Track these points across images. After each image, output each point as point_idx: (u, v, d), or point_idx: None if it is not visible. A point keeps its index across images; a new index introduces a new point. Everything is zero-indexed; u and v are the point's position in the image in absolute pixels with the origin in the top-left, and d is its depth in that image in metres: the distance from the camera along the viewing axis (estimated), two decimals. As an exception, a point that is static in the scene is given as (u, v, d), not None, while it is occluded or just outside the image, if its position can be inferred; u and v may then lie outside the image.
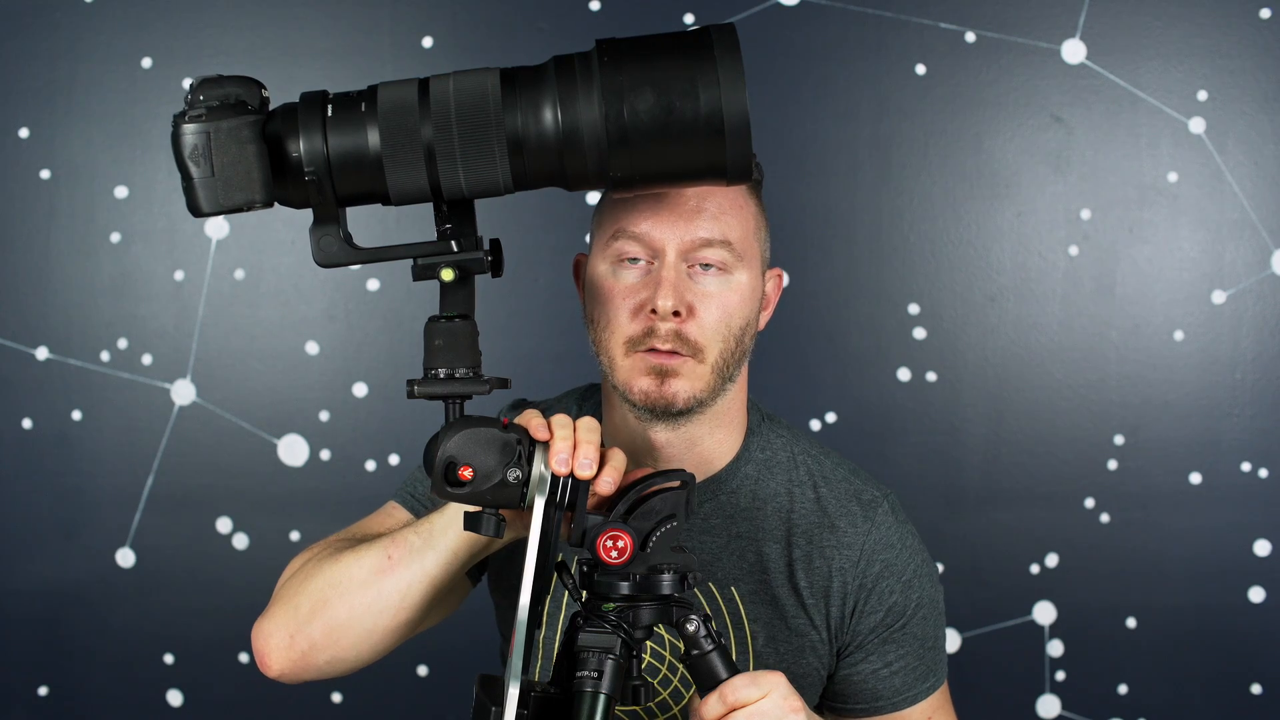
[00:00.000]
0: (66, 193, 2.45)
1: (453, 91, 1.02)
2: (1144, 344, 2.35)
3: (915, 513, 2.36)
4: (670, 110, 1.00)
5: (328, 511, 2.40)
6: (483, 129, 1.02)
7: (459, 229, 1.10)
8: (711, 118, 1.00)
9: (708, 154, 1.02)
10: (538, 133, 1.02)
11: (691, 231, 1.27)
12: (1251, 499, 2.33)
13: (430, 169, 1.03)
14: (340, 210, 1.08)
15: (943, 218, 2.37)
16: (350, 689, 2.43)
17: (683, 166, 1.04)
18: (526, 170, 1.04)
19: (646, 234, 1.27)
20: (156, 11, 2.43)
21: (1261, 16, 2.32)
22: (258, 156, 1.02)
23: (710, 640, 1.15)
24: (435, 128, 1.02)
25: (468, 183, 1.04)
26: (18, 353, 2.46)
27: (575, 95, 1.02)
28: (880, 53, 2.36)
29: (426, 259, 1.09)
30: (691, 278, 1.28)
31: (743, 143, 1.01)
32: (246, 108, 1.03)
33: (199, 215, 1.04)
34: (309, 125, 1.03)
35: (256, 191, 1.02)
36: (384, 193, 1.05)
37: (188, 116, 1.02)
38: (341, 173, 1.04)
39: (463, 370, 1.11)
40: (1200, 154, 2.33)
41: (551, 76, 1.03)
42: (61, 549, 2.46)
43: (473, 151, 1.02)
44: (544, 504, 1.11)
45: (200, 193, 1.02)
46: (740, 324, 1.31)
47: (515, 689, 1.08)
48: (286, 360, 2.43)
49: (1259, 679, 2.34)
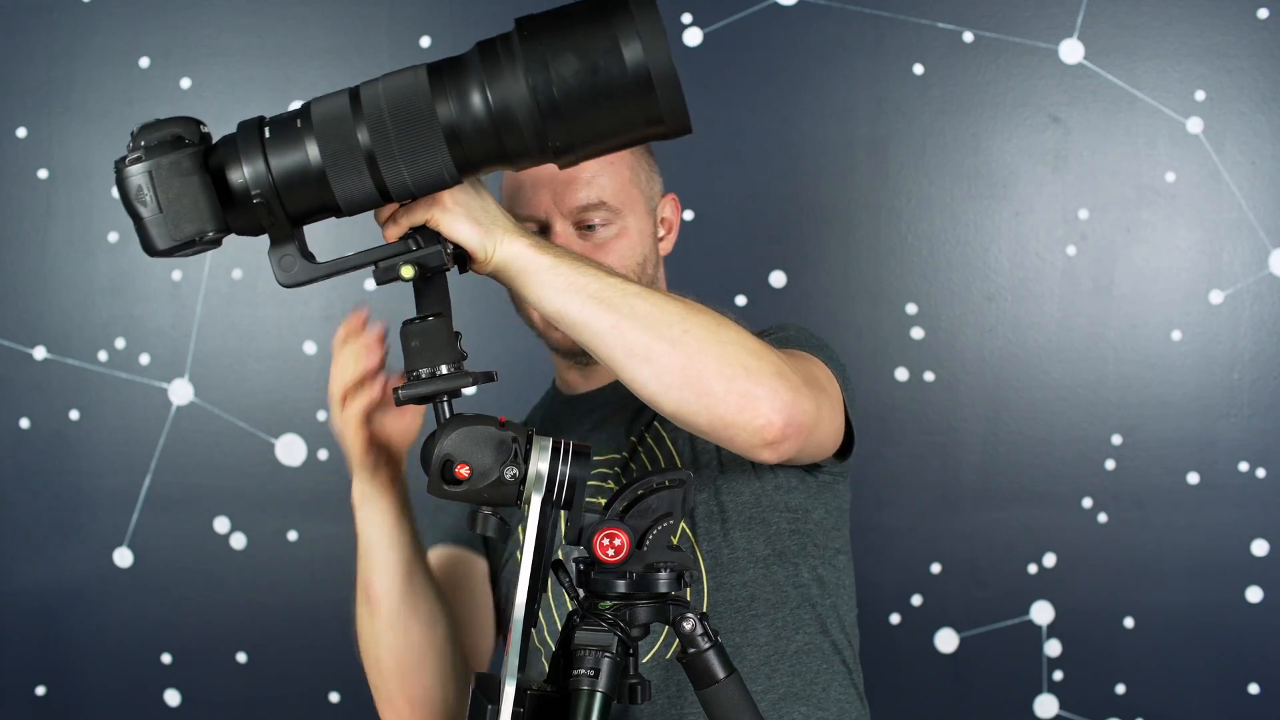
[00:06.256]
0: (64, 192, 2.45)
1: (383, 93, 1.03)
2: (1142, 344, 2.35)
3: (912, 512, 2.38)
4: (595, 71, 1.00)
5: (326, 512, 2.40)
6: (417, 123, 1.03)
7: (417, 228, 1.11)
8: (637, 71, 1.00)
9: (641, 108, 1.02)
10: (472, 118, 1.03)
11: (569, 201, 1.44)
12: (1249, 499, 2.33)
13: (374, 172, 1.04)
14: (296, 230, 1.08)
15: (940, 217, 2.37)
16: (349, 689, 2.43)
17: (619, 125, 1.04)
18: (468, 156, 1.05)
19: (533, 213, 1.45)
20: (154, 11, 2.43)
21: (1259, 16, 2.32)
22: (203, 187, 1.03)
23: (707, 638, 1.15)
24: (371, 131, 1.03)
25: (413, 179, 1.04)
26: (15, 352, 2.46)
27: (501, 74, 1.02)
28: (878, 52, 2.36)
29: (387, 261, 1.10)
30: (583, 236, 1.46)
31: (673, 92, 1.01)
32: (185, 142, 1.03)
33: (155, 254, 1.05)
34: (249, 150, 1.04)
35: (207, 221, 1.03)
36: (334, 204, 1.05)
37: (128, 160, 1.03)
38: (288, 191, 1.04)
39: (444, 367, 1.11)
40: (1198, 154, 2.33)
41: (476, 61, 1.04)
42: (59, 548, 2.46)
43: (411, 147, 1.03)
44: (540, 502, 1.11)
45: (151, 231, 1.03)
46: (636, 261, 1.47)
47: (511, 687, 1.08)
48: (284, 360, 2.43)
49: (1257, 679, 2.34)
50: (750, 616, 1.41)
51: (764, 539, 1.42)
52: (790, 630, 1.43)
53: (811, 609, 1.44)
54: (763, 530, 1.42)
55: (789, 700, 1.41)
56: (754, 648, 1.41)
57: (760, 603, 1.42)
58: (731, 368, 1.15)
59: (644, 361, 1.14)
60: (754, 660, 1.41)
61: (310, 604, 2.42)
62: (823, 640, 1.45)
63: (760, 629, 1.41)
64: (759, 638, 1.41)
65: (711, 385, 1.15)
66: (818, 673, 1.44)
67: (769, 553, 1.42)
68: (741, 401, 1.15)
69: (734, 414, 1.15)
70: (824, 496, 1.46)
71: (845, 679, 1.47)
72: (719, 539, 1.42)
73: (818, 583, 1.45)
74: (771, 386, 1.16)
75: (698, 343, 1.15)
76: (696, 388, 1.15)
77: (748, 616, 1.41)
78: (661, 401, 1.16)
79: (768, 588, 1.42)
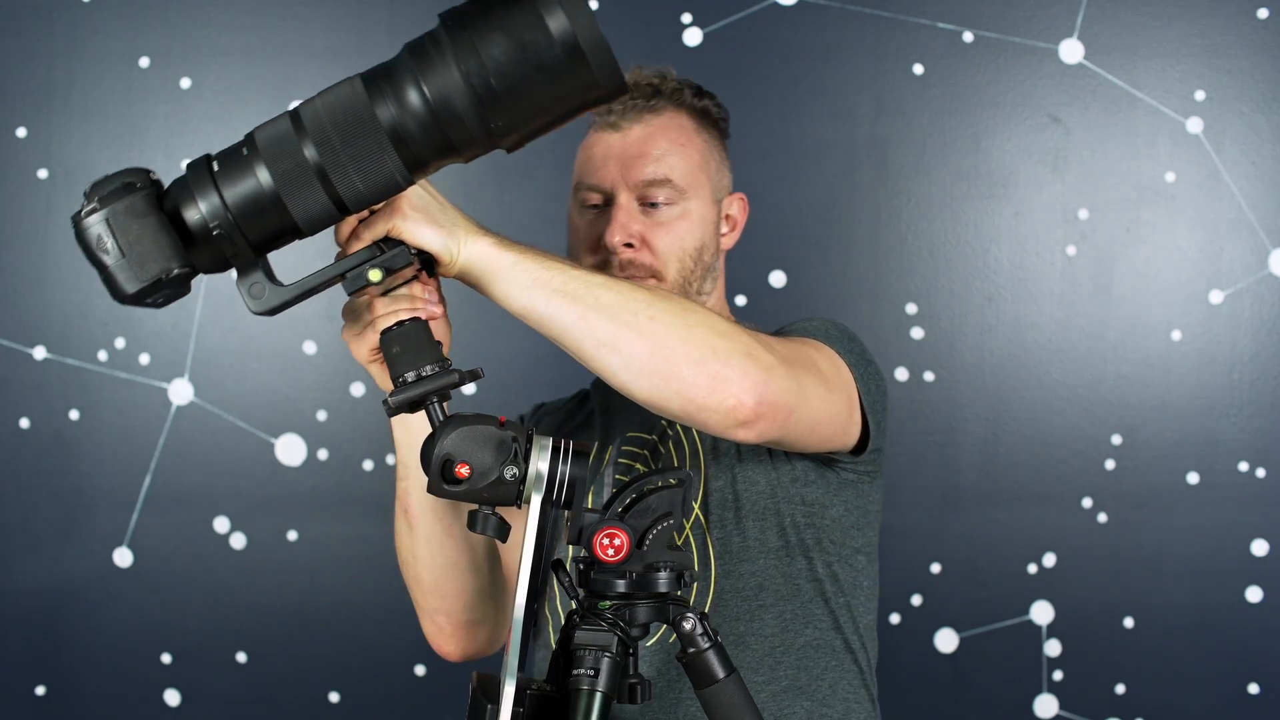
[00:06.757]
0: (64, 192, 2.45)
1: (322, 108, 1.04)
2: (1141, 344, 2.35)
3: (912, 512, 2.38)
4: (524, 47, 1.01)
5: (326, 511, 2.40)
6: (361, 130, 1.03)
7: (380, 241, 1.12)
8: (566, 42, 1.00)
9: (577, 79, 1.02)
10: (413, 116, 1.03)
11: (636, 175, 1.47)
12: (1249, 499, 2.33)
13: (327, 186, 1.04)
14: (261, 258, 1.09)
15: (940, 217, 2.37)
16: (349, 689, 2.43)
17: (557, 96, 1.04)
18: (416, 155, 1.05)
19: (599, 183, 1.49)
20: (154, 11, 2.43)
21: (1259, 16, 2.32)
22: (160, 226, 1.03)
23: (707, 638, 1.15)
24: (317, 145, 1.03)
25: (365, 186, 1.05)
26: (15, 352, 2.46)
27: (434, 67, 1.03)
28: (878, 52, 2.36)
29: (354, 270, 1.11)
30: (645, 213, 1.48)
31: (603, 54, 1.01)
32: (136, 186, 1.04)
33: (125, 300, 1.05)
34: (200, 186, 1.05)
35: (170, 258, 1.03)
36: (293, 225, 1.06)
37: (84, 213, 1.04)
38: (245, 219, 1.05)
39: (429, 368, 1.12)
40: (1198, 154, 2.33)
41: (407, 60, 1.05)
42: (59, 548, 2.46)
43: (359, 154, 1.03)
44: (540, 502, 1.11)
45: (117, 277, 1.04)
46: (694, 245, 1.49)
47: (511, 687, 1.08)
48: (284, 360, 2.43)
49: (1256, 679, 2.34)
50: (758, 607, 1.41)
51: (776, 530, 1.42)
52: (799, 624, 1.42)
53: (825, 604, 1.44)
54: (775, 521, 1.42)
55: (791, 694, 1.41)
56: (759, 638, 1.41)
57: (769, 593, 1.42)
58: (699, 350, 1.16)
59: (612, 351, 1.15)
60: (758, 651, 1.40)
61: (310, 604, 2.42)
62: (834, 637, 1.44)
63: (767, 620, 1.41)
64: (765, 628, 1.41)
65: (680, 369, 1.15)
66: (825, 669, 1.43)
67: (781, 544, 1.42)
68: (711, 383, 1.16)
69: (705, 396, 1.16)
70: (844, 494, 1.46)
71: (856, 678, 1.46)
72: (731, 527, 1.42)
73: (832, 579, 1.44)
74: (740, 366, 1.16)
75: (664, 328, 1.15)
76: (666, 373, 1.15)
77: (755, 606, 1.41)
78: (633, 389, 1.17)
79: (779, 579, 1.42)
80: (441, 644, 1.47)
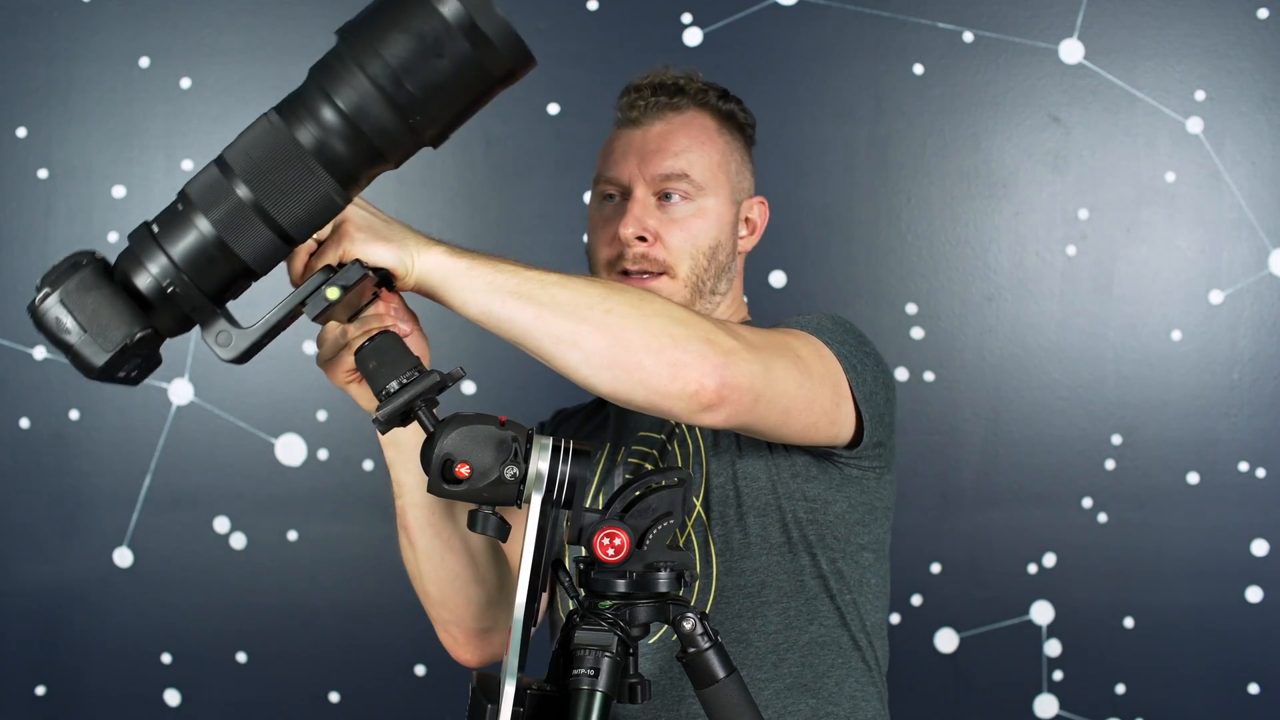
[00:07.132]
0: (64, 192, 2.45)
1: (243, 147, 1.05)
2: (1141, 344, 2.35)
3: (912, 512, 2.38)
4: (423, 39, 1.01)
5: (326, 511, 2.40)
6: (286, 158, 1.04)
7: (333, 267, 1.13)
8: (461, 22, 1.00)
9: (483, 61, 1.02)
10: (334, 132, 1.04)
11: (653, 168, 1.49)
12: (1249, 499, 2.33)
13: (266, 220, 1.05)
14: (220, 308, 1.10)
15: (940, 217, 2.37)
16: (349, 689, 2.43)
17: (469, 83, 1.03)
18: (346, 171, 1.05)
19: (616, 176, 1.51)
20: (154, 11, 2.43)
21: (1259, 16, 2.32)
22: (115, 294, 1.05)
23: (707, 638, 1.15)
24: (248, 183, 1.04)
25: (304, 212, 1.05)
26: (15, 352, 2.46)
27: (341, 81, 1.04)
28: (878, 52, 2.36)
29: (312, 294, 1.12)
30: (660, 208, 1.50)
31: (503, 30, 1.01)
32: (83, 263, 1.06)
33: (96, 375, 1.06)
34: (145, 250, 1.06)
35: (132, 322, 1.04)
36: (244, 266, 1.06)
37: (38, 300, 1.06)
38: (196, 271, 1.05)
39: (407, 374, 1.12)
40: (1198, 154, 2.33)
41: (316, 80, 1.06)
42: (59, 549, 2.46)
43: (289, 181, 1.04)
44: (540, 501, 1.11)
45: (84, 352, 1.05)
46: (709, 243, 1.51)
47: (511, 686, 1.08)
48: (284, 360, 2.43)
49: (1256, 679, 2.34)
50: (760, 603, 1.41)
51: (779, 526, 1.42)
52: (804, 620, 1.42)
53: (831, 601, 1.43)
54: (777, 517, 1.42)
55: (795, 691, 1.40)
56: (762, 635, 1.41)
57: (772, 590, 1.41)
58: (658, 339, 1.16)
59: (571, 347, 1.15)
60: (761, 648, 1.40)
61: (310, 604, 2.42)
62: (840, 634, 1.43)
63: (770, 616, 1.41)
64: (768, 625, 1.41)
65: (640, 360, 1.15)
66: (831, 666, 1.42)
67: (784, 540, 1.42)
68: (672, 371, 1.16)
69: (667, 384, 1.16)
70: (848, 490, 1.45)
71: (864, 676, 1.45)
72: (732, 524, 1.42)
73: (837, 575, 1.44)
74: (698, 352, 1.16)
75: (621, 320, 1.15)
76: (626, 364, 1.15)
77: (758, 603, 1.41)
78: (595, 384, 1.16)
79: (782, 575, 1.42)
80: (459, 653, 1.48)
